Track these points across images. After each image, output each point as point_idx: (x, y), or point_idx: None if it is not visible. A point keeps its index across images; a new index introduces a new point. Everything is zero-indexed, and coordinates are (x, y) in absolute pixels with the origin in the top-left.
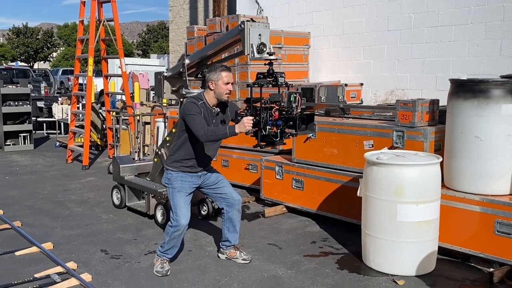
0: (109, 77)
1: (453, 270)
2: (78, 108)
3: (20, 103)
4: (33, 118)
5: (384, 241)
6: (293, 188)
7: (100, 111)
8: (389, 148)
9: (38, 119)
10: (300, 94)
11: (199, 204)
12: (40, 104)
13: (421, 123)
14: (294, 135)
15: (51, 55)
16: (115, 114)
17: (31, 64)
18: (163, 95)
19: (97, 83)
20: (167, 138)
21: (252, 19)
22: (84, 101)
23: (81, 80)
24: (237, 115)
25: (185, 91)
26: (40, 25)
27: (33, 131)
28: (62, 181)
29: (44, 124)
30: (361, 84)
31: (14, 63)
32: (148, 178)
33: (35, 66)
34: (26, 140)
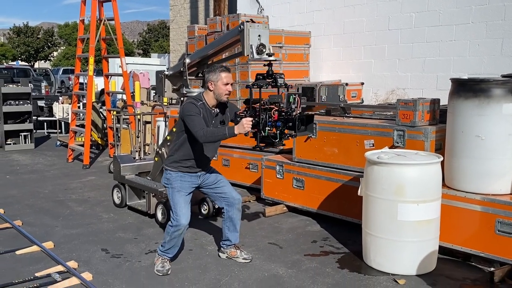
0: (110, 76)
1: (454, 270)
2: (79, 107)
3: (21, 102)
4: (34, 117)
5: (385, 241)
6: (294, 188)
7: (101, 110)
8: (390, 148)
9: (39, 118)
10: (299, 95)
11: (200, 204)
12: (41, 103)
13: (422, 123)
14: (294, 136)
15: (52, 55)
16: (116, 113)
17: (32, 64)
18: (164, 94)
19: (98, 82)
20: (168, 137)
21: (252, 20)
22: (85, 100)
23: (82, 79)
24: (237, 116)
25: (186, 90)
26: (41, 24)
27: (34, 130)
28: (63, 180)
29: (45, 123)
30: (362, 84)
31: (15, 63)
32: (149, 177)
33: (36, 66)
34: (27, 139)
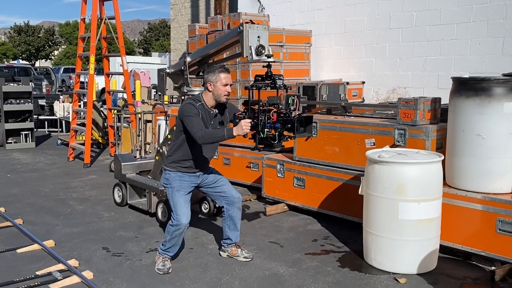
0: (111, 75)
1: (455, 269)
2: (80, 106)
3: (22, 101)
4: (35, 116)
5: (386, 239)
6: (295, 186)
7: (102, 109)
8: (391, 146)
9: (40, 117)
10: (298, 97)
11: (200, 202)
12: (42, 102)
13: (423, 121)
14: (292, 138)
15: (53, 53)
16: (117, 112)
17: (33, 62)
18: (166, 92)
19: (99, 81)
20: (169, 136)
21: (252, 21)
22: (86, 99)
23: (83, 78)
24: (235, 118)
25: (187, 89)
26: (42, 23)
27: (35, 129)
28: (64, 179)
29: (46, 122)
30: (363, 83)
31: (16, 61)
32: (150, 176)
33: (37, 64)
34: (28, 138)
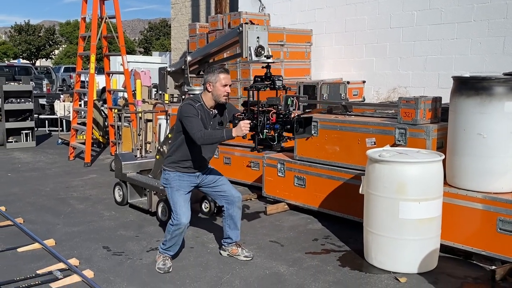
0: (111, 75)
1: (455, 268)
2: (80, 106)
3: (22, 100)
4: (35, 115)
5: (386, 239)
6: (295, 186)
7: (102, 109)
8: (392, 146)
9: (40, 116)
10: (297, 98)
11: (201, 201)
12: (42, 102)
13: (424, 121)
14: (292, 139)
15: (53, 53)
16: (117, 112)
17: (33, 62)
18: (167, 90)
19: (99, 80)
20: (169, 135)
21: (251, 22)
22: (86, 99)
23: (83, 78)
24: (235, 118)
25: (187, 88)
26: (42, 23)
27: (35, 128)
28: (64, 178)
29: (46, 121)
30: (363, 82)
31: (16, 61)
32: (150, 175)
33: (37, 64)
34: (28, 137)
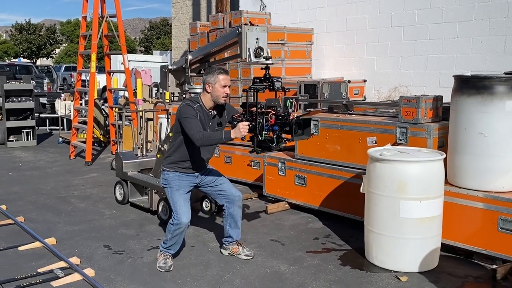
0: (112, 73)
1: (456, 267)
2: (81, 104)
3: (23, 99)
4: (36, 114)
5: (387, 238)
6: (296, 185)
7: (103, 107)
8: (393, 145)
9: (41, 115)
10: (297, 99)
11: (202, 200)
12: (43, 100)
13: (425, 120)
14: (291, 141)
15: (54, 52)
16: (118, 110)
17: (34, 61)
18: (168, 88)
19: (100, 79)
20: (170, 134)
21: (251, 22)
22: (87, 97)
23: (84, 76)
24: (234, 120)
25: (188, 87)
26: (43, 22)
27: (36, 127)
28: (65, 177)
29: (47, 120)
30: (364, 81)
31: (17, 60)
32: (151, 174)
33: (38, 63)
34: (29, 136)
